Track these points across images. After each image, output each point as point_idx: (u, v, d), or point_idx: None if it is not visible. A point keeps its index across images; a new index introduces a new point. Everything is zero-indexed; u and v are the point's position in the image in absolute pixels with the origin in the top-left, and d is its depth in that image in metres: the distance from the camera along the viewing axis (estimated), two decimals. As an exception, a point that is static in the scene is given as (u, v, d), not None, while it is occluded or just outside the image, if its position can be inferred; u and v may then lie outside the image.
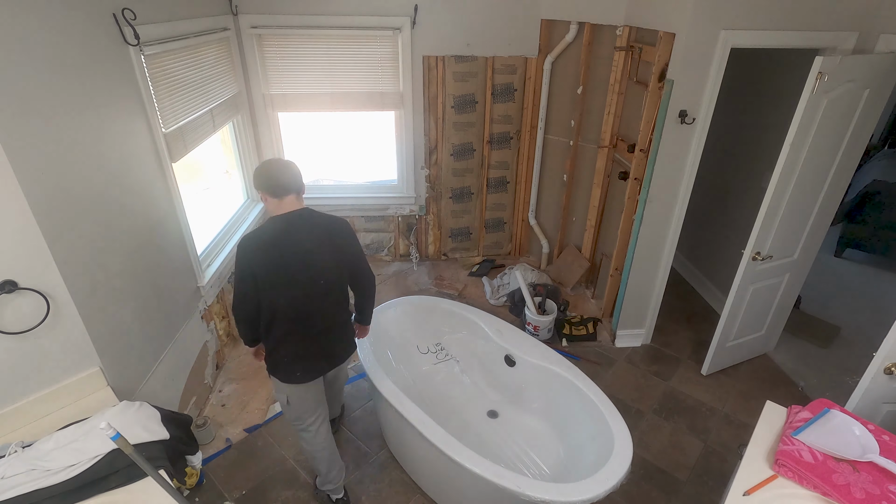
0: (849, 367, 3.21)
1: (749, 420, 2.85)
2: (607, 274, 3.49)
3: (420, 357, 2.83)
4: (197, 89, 2.75)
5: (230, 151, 3.63)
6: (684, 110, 2.64)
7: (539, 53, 3.61)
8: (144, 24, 2.21)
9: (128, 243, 2.14)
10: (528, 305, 3.40)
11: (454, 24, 3.46)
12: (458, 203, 4.17)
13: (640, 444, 2.70)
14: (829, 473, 1.51)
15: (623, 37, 3.05)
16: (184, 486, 2.00)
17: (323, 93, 3.59)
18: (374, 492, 2.41)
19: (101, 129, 1.96)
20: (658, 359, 3.34)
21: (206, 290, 2.86)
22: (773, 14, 2.42)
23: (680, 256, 4.29)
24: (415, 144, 3.87)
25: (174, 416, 1.91)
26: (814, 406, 1.74)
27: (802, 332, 3.51)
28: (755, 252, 2.67)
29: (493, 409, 2.65)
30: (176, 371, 2.54)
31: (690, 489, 2.47)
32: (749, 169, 3.46)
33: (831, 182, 2.69)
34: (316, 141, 4.13)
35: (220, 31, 3.05)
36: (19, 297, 1.62)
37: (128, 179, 2.14)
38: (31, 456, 1.54)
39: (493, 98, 3.76)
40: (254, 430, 2.72)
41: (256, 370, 3.14)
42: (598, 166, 3.48)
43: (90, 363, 1.86)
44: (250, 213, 3.68)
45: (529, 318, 3.41)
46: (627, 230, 3.19)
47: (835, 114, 2.39)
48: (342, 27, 3.36)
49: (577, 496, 1.75)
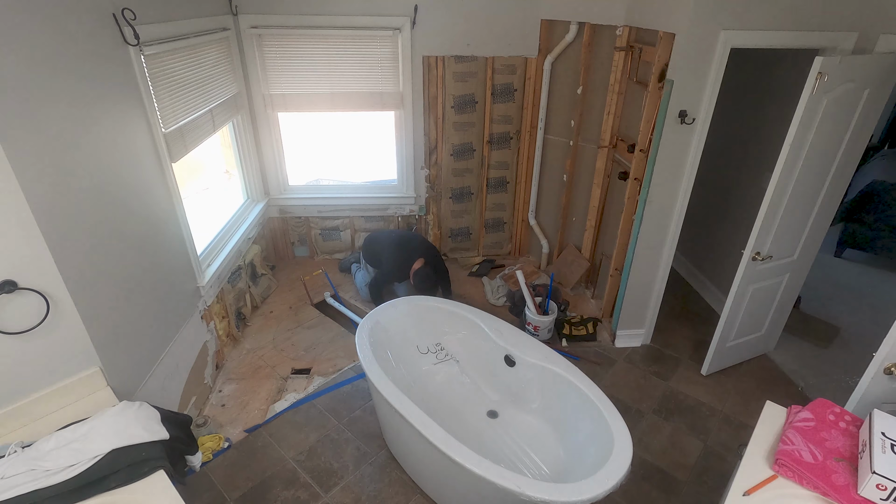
0: (849, 367, 3.21)
1: (749, 420, 2.85)
2: (607, 274, 3.48)
3: (420, 357, 2.83)
4: (197, 89, 2.75)
5: (230, 151, 3.64)
6: (684, 110, 2.64)
7: (539, 53, 3.61)
8: (144, 24, 2.22)
9: (128, 243, 2.14)
10: (528, 305, 3.40)
11: (454, 24, 3.46)
12: (458, 203, 4.17)
13: (640, 444, 2.70)
14: (829, 473, 1.51)
15: (623, 37, 3.05)
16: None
17: (323, 93, 3.59)
18: (374, 492, 2.41)
19: (100, 128, 1.96)
20: (658, 359, 3.34)
21: (205, 290, 2.86)
22: (772, 14, 2.42)
23: (680, 256, 4.29)
24: (415, 144, 3.87)
25: (174, 416, 1.91)
26: (814, 406, 1.74)
27: (802, 332, 3.51)
28: (755, 252, 2.67)
29: (492, 409, 2.65)
30: (176, 371, 2.54)
31: (690, 489, 2.47)
32: (749, 169, 3.46)
33: (831, 182, 2.69)
34: (316, 141, 4.13)
35: (220, 31, 3.05)
36: (19, 297, 1.62)
37: (128, 179, 2.14)
38: (31, 456, 1.54)
39: (493, 98, 3.76)
40: (254, 430, 2.72)
41: (256, 370, 3.14)
42: (598, 166, 3.48)
43: (90, 363, 1.86)
44: (250, 213, 3.68)
45: (530, 318, 3.41)
46: (627, 230, 3.19)
47: (835, 114, 2.39)
48: (342, 27, 3.36)
49: (577, 496, 1.74)
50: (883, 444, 1.47)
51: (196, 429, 2.64)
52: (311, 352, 3.31)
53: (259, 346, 3.35)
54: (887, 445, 1.47)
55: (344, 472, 2.50)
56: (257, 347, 3.35)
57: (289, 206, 4.04)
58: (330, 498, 2.38)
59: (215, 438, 2.60)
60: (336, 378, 3.10)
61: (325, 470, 2.52)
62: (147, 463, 1.56)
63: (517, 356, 2.52)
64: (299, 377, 3.09)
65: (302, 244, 4.31)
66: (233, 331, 3.33)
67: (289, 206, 4.04)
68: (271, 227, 4.14)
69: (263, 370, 3.15)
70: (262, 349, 3.33)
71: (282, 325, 3.55)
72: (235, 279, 3.39)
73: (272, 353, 3.29)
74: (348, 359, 3.25)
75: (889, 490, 1.40)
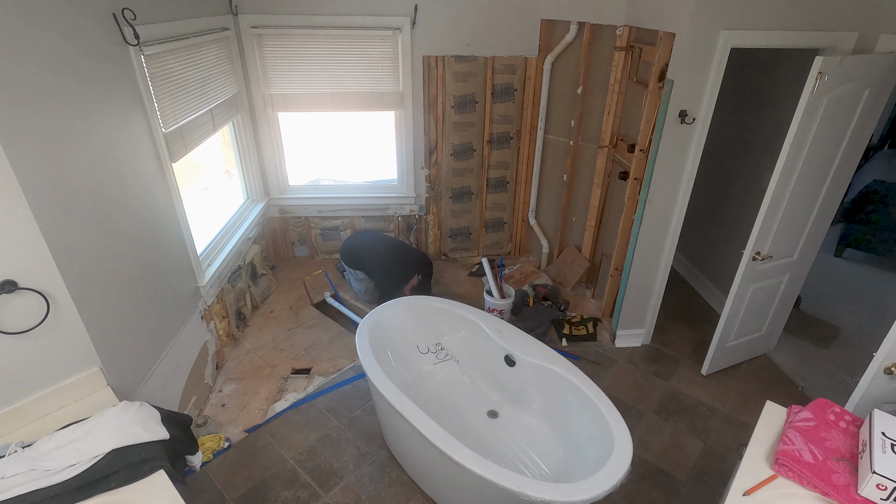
0: (849, 367, 3.21)
1: (749, 420, 2.85)
2: (607, 274, 3.49)
3: (420, 357, 2.83)
4: (197, 89, 2.75)
5: (230, 151, 3.64)
6: (684, 110, 2.64)
7: (539, 53, 3.61)
8: (144, 24, 2.21)
9: (128, 243, 2.14)
10: (489, 289, 3.55)
11: (454, 24, 3.46)
12: (458, 203, 4.17)
13: (640, 444, 2.70)
14: (829, 473, 1.51)
15: (623, 37, 3.05)
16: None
17: (323, 93, 3.59)
18: (374, 492, 2.41)
19: (101, 128, 1.96)
20: (658, 359, 3.34)
21: (205, 290, 2.86)
22: (772, 14, 2.42)
23: (680, 256, 4.29)
24: (415, 144, 3.87)
25: (174, 415, 1.91)
26: (814, 406, 1.74)
27: (802, 332, 3.51)
28: (755, 252, 2.67)
29: (492, 408, 2.65)
30: (176, 371, 2.54)
31: (690, 489, 2.47)
32: (749, 169, 3.46)
33: (831, 182, 2.69)
34: (316, 141, 4.13)
35: (220, 30, 3.05)
36: (19, 297, 1.62)
37: (128, 179, 2.14)
38: (30, 456, 1.54)
39: (493, 98, 3.76)
40: (254, 430, 2.72)
41: (256, 370, 3.14)
42: (598, 166, 3.48)
43: (90, 363, 1.86)
44: (250, 213, 3.68)
45: (490, 303, 3.52)
46: (627, 230, 3.19)
47: (835, 114, 2.39)
48: (342, 27, 3.36)
49: (577, 496, 1.74)
50: (883, 444, 1.47)
51: (196, 429, 2.64)
52: (311, 352, 3.31)
53: (259, 346, 3.35)
54: (887, 445, 1.47)
55: (344, 472, 2.50)
56: (257, 347, 3.35)
57: (289, 206, 4.04)
58: (330, 498, 2.38)
59: (215, 438, 2.60)
60: (336, 378, 3.10)
61: (325, 470, 2.52)
62: (147, 463, 1.56)
63: (517, 356, 2.52)
64: (299, 377, 3.09)
65: (302, 244, 4.31)
66: (233, 331, 3.33)
67: (289, 206, 4.04)
68: (271, 227, 4.14)
69: (263, 370, 3.15)
70: (262, 349, 3.33)
71: (282, 325, 3.55)
72: (235, 279, 3.39)
73: (272, 353, 3.29)
74: (348, 359, 3.25)
75: (889, 490, 1.40)
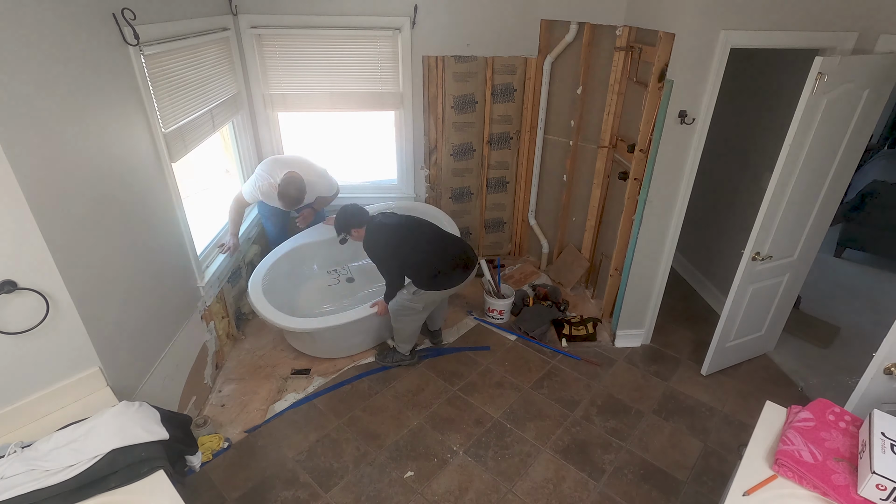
0: (848, 367, 3.21)
1: (749, 420, 2.85)
2: (607, 274, 3.48)
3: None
4: (196, 89, 2.75)
5: (230, 151, 3.63)
6: (684, 110, 2.64)
7: (539, 53, 3.61)
8: (144, 24, 2.21)
9: (127, 243, 2.14)
10: (489, 290, 3.61)
11: (454, 24, 3.46)
12: (458, 203, 4.17)
13: (640, 444, 2.70)
14: (828, 474, 1.51)
15: (623, 37, 3.05)
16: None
17: (323, 93, 3.59)
18: (374, 492, 2.41)
19: (100, 128, 1.96)
20: (658, 359, 3.34)
21: (205, 290, 2.86)
22: (772, 14, 2.42)
23: (680, 256, 4.29)
24: (414, 144, 3.87)
25: (174, 416, 1.91)
26: (814, 406, 1.74)
27: (802, 332, 3.51)
28: (755, 252, 2.67)
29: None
30: (175, 371, 2.54)
31: (690, 489, 2.47)
32: (749, 169, 3.46)
33: (831, 182, 2.69)
34: (316, 141, 4.13)
35: (220, 31, 3.05)
36: (19, 297, 1.62)
37: (127, 179, 2.14)
38: (30, 456, 1.54)
39: (492, 98, 3.76)
40: (254, 430, 2.72)
41: (256, 370, 3.14)
42: (597, 166, 3.48)
43: (90, 363, 1.86)
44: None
45: (490, 303, 3.57)
46: (627, 230, 3.19)
47: (834, 114, 2.39)
48: (342, 27, 3.36)
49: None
50: (883, 444, 1.47)
51: (196, 429, 2.64)
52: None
53: (259, 346, 3.35)
54: (887, 445, 1.47)
55: (344, 472, 2.50)
56: (257, 347, 3.34)
57: (289, 206, 4.03)
58: (330, 498, 2.38)
59: (215, 438, 2.60)
60: (336, 378, 3.10)
61: (325, 470, 2.52)
62: (147, 463, 1.56)
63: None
64: (299, 377, 3.09)
65: (302, 244, 4.30)
66: (233, 331, 3.33)
67: (289, 206, 4.03)
68: (271, 227, 4.13)
69: (263, 370, 3.15)
70: (262, 349, 3.33)
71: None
72: (235, 279, 3.39)
73: (272, 354, 3.29)
74: (348, 359, 3.25)
75: (889, 490, 1.40)
